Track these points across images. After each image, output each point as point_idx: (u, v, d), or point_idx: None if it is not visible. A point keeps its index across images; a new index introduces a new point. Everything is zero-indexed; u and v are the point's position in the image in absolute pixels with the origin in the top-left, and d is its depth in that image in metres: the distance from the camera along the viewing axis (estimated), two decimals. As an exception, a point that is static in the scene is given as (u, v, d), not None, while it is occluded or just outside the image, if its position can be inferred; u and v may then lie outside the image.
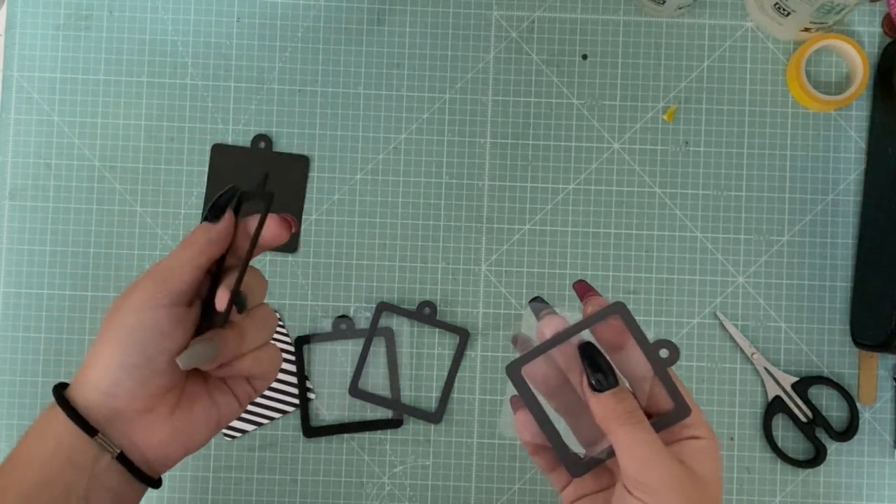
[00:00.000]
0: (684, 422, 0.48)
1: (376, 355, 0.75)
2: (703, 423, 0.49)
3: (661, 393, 0.49)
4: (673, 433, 0.48)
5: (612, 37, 0.77)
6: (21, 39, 0.76)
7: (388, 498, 0.74)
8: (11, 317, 0.75)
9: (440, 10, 0.77)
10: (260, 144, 0.75)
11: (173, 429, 0.51)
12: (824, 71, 0.77)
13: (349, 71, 0.76)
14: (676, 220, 0.76)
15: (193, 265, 0.51)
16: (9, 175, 0.75)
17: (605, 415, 0.47)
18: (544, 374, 0.50)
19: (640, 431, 0.46)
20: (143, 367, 0.49)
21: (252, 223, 0.52)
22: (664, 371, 0.48)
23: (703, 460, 0.48)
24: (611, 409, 0.47)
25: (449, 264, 0.75)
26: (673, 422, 0.48)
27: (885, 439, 0.74)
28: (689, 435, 0.48)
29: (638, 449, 0.46)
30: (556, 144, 0.76)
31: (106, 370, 0.49)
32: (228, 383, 0.54)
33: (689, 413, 0.48)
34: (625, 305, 0.48)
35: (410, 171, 0.76)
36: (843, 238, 0.76)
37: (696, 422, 0.48)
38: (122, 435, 0.50)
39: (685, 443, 0.48)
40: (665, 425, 0.48)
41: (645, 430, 0.47)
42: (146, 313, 0.49)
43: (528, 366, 0.49)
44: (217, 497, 0.74)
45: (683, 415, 0.48)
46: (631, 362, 0.49)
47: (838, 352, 0.75)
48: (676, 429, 0.48)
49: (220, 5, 0.77)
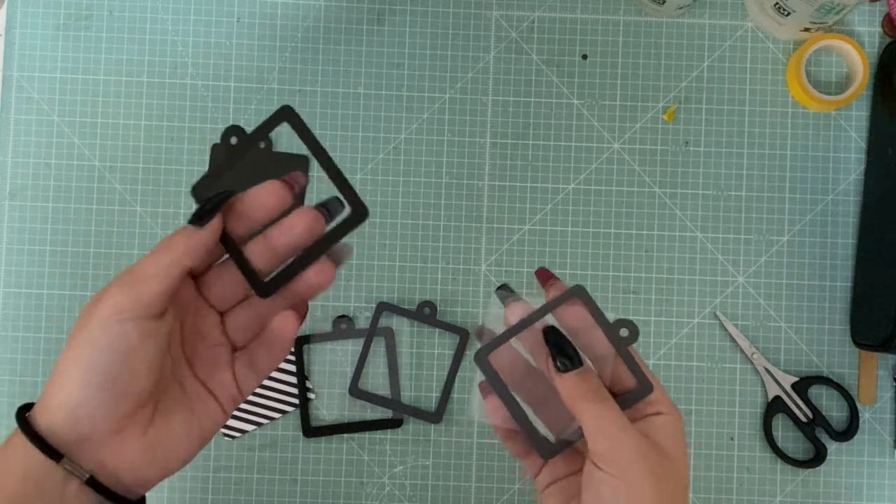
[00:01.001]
0: (648, 399, 0.50)
1: (376, 355, 0.75)
2: (665, 400, 0.50)
3: (625, 372, 0.50)
4: (637, 410, 0.49)
5: (612, 37, 0.77)
6: (21, 39, 0.76)
7: (388, 498, 0.74)
8: (11, 317, 0.75)
9: (440, 10, 0.77)
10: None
11: (147, 448, 0.47)
12: (824, 71, 0.77)
13: (349, 71, 0.76)
14: (676, 220, 0.76)
15: (168, 274, 0.46)
16: (9, 175, 0.75)
17: (571, 394, 0.48)
18: (511, 362, 0.51)
19: (604, 409, 0.48)
20: (108, 388, 0.46)
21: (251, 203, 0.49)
22: (625, 350, 0.50)
23: (667, 435, 0.49)
24: (576, 388, 0.48)
25: (449, 264, 0.75)
26: (637, 399, 0.49)
27: (885, 439, 0.74)
28: (653, 411, 0.49)
29: (603, 425, 0.47)
30: (556, 144, 0.76)
31: (70, 391, 0.46)
32: (211, 387, 0.50)
33: (652, 389, 0.49)
34: (584, 288, 0.49)
35: (410, 171, 0.76)
36: (843, 238, 0.76)
37: (659, 398, 0.50)
38: (91, 458, 0.46)
39: (650, 419, 0.49)
40: (630, 403, 0.49)
41: (610, 407, 0.48)
42: (112, 328, 0.45)
43: (495, 354, 0.50)
44: (217, 497, 0.74)
45: (646, 391, 0.49)
46: (594, 344, 0.50)
47: (838, 352, 0.75)
48: (641, 406, 0.50)
49: (220, 5, 0.77)
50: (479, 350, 0.49)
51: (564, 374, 0.48)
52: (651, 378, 0.50)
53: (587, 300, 0.50)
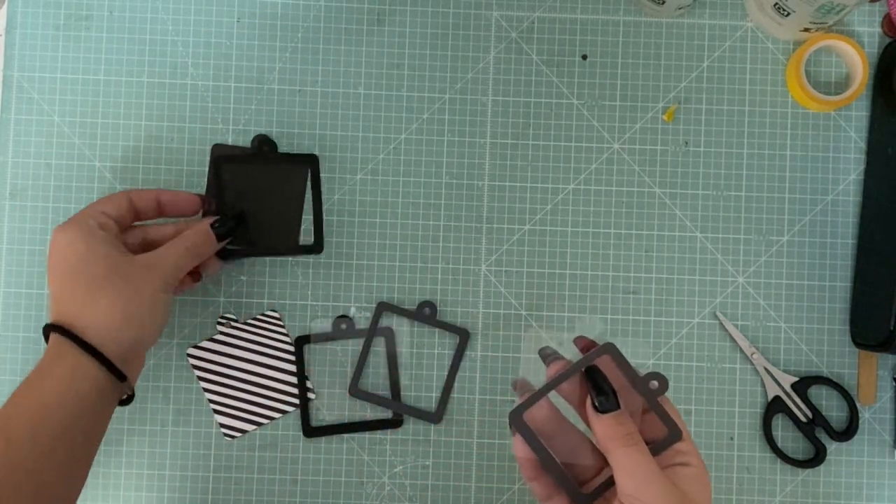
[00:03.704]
0: (677, 448, 0.52)
1: (376, 355, 0.75)
2: (695, 452, 0.53)
3: (654, 421, 0.53)
4: (666, 458, 0.52)
5: (612, 37, 0.77)
6: (21, 39, 0.76)
7: (388, 498, 0.74)
8: (11, 317, 0.75)
9: (440, 10, 0.77)
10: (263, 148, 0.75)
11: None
12: (824, 71, 0.77)
13: (349, 71, 0.76)
14: (676, 220, 0.76)
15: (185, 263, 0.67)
16: (9, 175, 0.75)
17: (607, 434, 0.51)
18: (545, 417, 0.54)
19: (637, 452, 0.50)
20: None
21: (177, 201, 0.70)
22: (655, 400, 0.53)
23: (693, 485, 0.51)
24: (612, 429, 0.51)
25: (449, 264, 0.75)
26: (667, 445, 0.52)
27: (884, 439, 0.75)
28: (681, 461, 0.52)
29: (634, 467, 0.50)
30: (556, 144, 0.76)
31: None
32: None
33: (681, 435, 0.52)
34: (614, 346, 0.53)
35: (410, 171, 0.76)
36: (842, 238, 0.76)
37: (688, 450, 0.53)
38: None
39: (677, 468, 0.52)
40: (660, 450, 0.52)
41: (642, 451, 0.51)
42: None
43: (530, 410, 0.53)
44: (217, 497, 0.74)
45: (676, 438, 0.52)
46: (624, 397, 0.53)
47: (838, 352, 0.75)
48: (670, 454, 0.52)
49: (220, 5, 0.77)
50: (514, 409, 0.53)
51: (602, 415, 0.51)
52: (681, 427, 0.53)
53: (616, 356, 0.53)
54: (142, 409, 0.74)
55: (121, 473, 0.74)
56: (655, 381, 0.53)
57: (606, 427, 0.51)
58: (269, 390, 0.74)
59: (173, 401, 0.74)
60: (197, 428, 0.74)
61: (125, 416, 0.74)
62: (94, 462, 0.71)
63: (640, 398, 0.53)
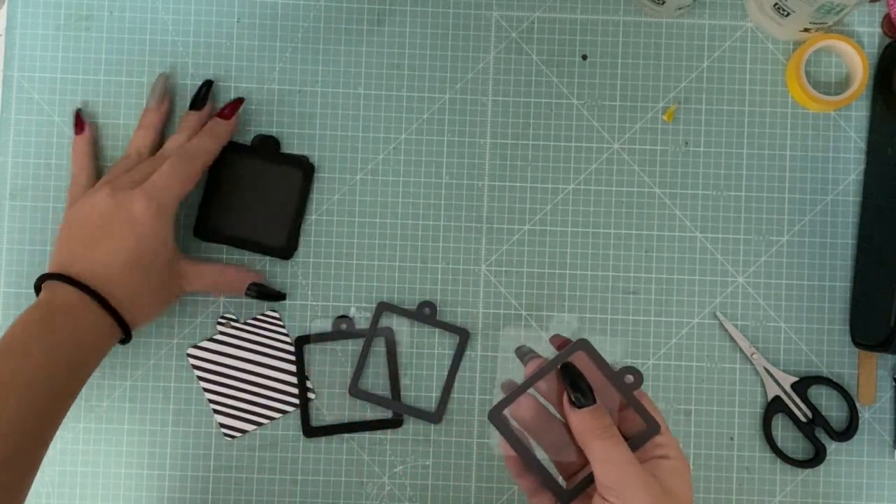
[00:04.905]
0: (656, 441, 0.53)
1: (376, 355, 0.75)
2: (674, 445, 0.53)
3: (633, 416, 0.54)
4: (646, 452, 0.53)
5: (612, 37, 0.77)
6: (21, 39, 0.76)
7: (388, 498, 0.74)
8: (12, 317, 0.75)
9: (440, 10, 0.77)
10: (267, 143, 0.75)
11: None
12: (824, 71, 0.77)
13: (349, 71, 0.76)
14: (676, 220, 0.76)
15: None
16: (9, 175, 0.75)
17: (583, 429, 0.52)
18: (527, 412, 0.55)
19: (613, 445, 0.51)
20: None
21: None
22: (631, 395, 0.53)
23: (673, 477, 0.52)
24: (588, 424, 0.52)
25: (449, 264, 0.75)
26: (645, 439, 0.53)
27: (884, 439, 0.75)
28: (660, 454, 0.53)
29: (612, 459, 0.51)
30: (556, 144, 0.76)
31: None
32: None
33: (659, 428, 0.53)
34: (587, 341, 0.54)
35: (410, 171, 0.76)
36: (842, 238, 0.76)
37: (667, 442, 0.53)
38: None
39: (657, 461, 0.52)
40: (639, 443, 0.53)
41: (618, 443, 0.51)
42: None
43: (518, 406, 0.54)
44: (217, 497, 0.74)
45: (654, 431, 0.53)
46: (600, 391, 0.53)
47: (838, 352, 0.75)
48: (649, 447, 0.53)
49: (220, 5, 0.77)
50: (492, 409, 0.54)
51: (578, 410, 0.52)
52: (660, 420, 0.53)
53: (591, 351, 0.53)
54: (142, 409, 0.74)
55: (121, 473, 0.74)
56: (631, 375, 0.54)
57: (582, 421, 0.52)
58: (268, 390, 0.74)
59: (173, 401, 0.74)
60: (197, 428, 0.74)
61: (125, 416, 0.74)
62: (94, 462, 0.71)
63: (618, 394, 0.54)
